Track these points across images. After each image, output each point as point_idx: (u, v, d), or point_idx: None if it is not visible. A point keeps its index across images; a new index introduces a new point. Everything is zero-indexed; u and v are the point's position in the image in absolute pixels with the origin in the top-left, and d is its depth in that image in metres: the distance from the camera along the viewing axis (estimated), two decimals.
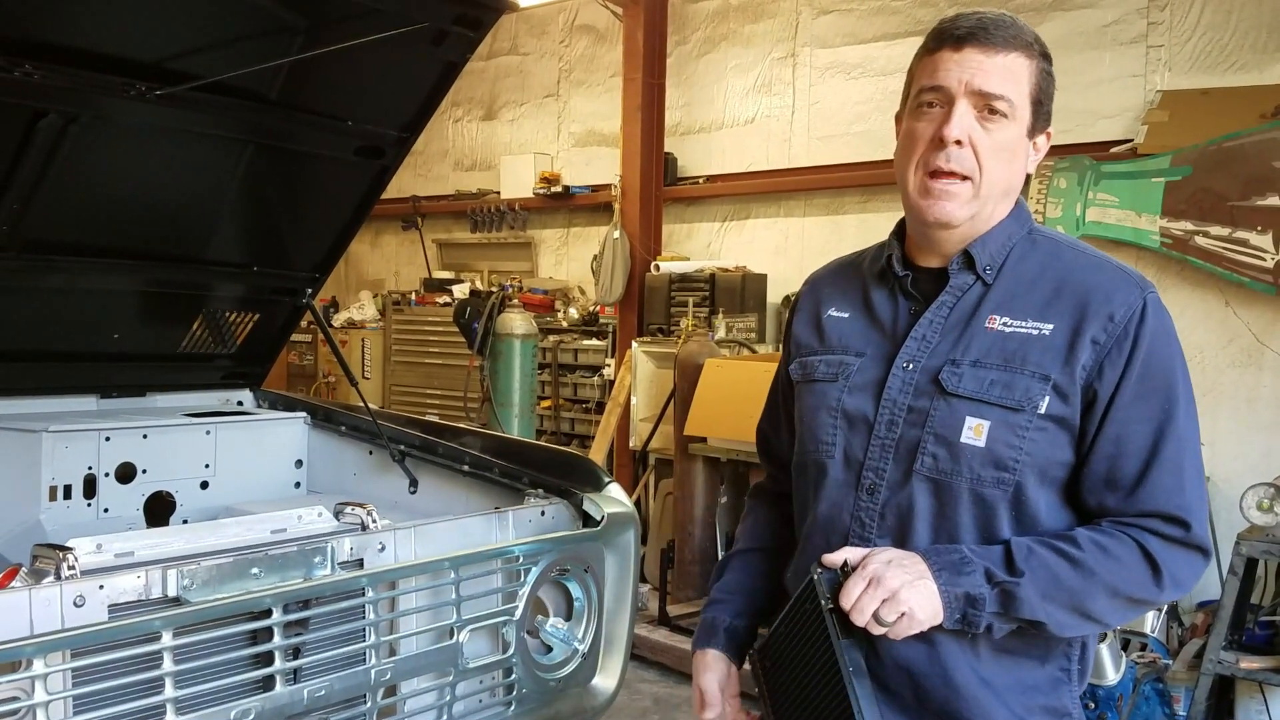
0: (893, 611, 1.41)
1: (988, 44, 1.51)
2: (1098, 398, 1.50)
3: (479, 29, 2.68)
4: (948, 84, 1.52)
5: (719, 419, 5.38)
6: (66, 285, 2.77)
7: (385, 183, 3.01)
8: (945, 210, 1.54)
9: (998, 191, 1.56)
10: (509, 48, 9.11)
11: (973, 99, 1.51)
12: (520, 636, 2.31)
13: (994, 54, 1.51)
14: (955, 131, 1.50)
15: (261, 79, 2.54)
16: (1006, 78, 1.51)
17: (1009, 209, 1.62)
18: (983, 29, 1.51)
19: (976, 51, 1.51)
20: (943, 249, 1.61)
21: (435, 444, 2.90)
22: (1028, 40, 1.54)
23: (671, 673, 5.09)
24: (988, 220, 1.59)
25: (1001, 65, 1.51)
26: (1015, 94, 1.52)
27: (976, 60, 1.51)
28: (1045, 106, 1.58)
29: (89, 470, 2.78)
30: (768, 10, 7.46)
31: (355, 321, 9.27)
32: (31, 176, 2.41)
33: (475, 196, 9.14)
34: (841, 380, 1.65)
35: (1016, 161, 1.57)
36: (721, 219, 7.77)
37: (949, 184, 1.53)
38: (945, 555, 1.47)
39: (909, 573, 1.44)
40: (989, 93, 1.51)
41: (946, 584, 1.44)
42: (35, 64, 2.20)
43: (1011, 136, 1.54)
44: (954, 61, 1.52)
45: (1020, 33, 1.53)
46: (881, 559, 1.46)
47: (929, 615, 1.43)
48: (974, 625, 1.45)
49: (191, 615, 1.77)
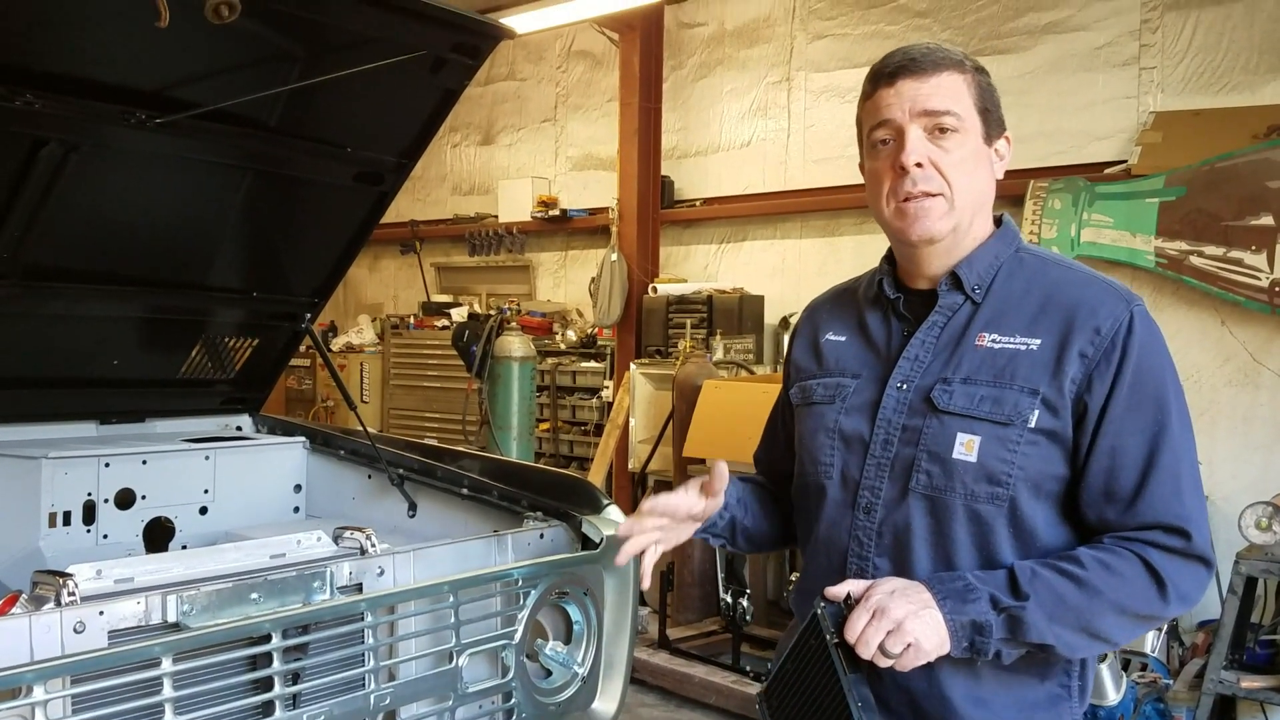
0: (899, 643, 1.40)
1: (919, 71, 1.56)
2: (1088, 411, 1.51)
3: (477, 56, 2.70)
4: (893, 116, 1.57)
5: (718, 440, 5.38)
6: (66, 312, 2.77)
7: (384, 208, 3.02)
8: (925, 227, 1.57)
9: (972, 201, 1.59)
10: (506, 73, 9.17)
11: (921, 121, 1.56)
12: (519, 660, 2.30)
13: (928, 78, 1.56)
14: (913, 156, 1.55)
15: (261, 106, 2.56)
16: (946, 94, 1.56)
17: (988, 223, 1.66)
18: (910, 59, 1.57)
19: (911, 80, 1.57)
20: (931, 270, 1.64)
21: (434, 467, 2.91)
22: (957, 58, 1.59)
23: (672, 696, 5.08)
24: (970, 234, 1.62)
25: (937, 85, 1.56)
26: (959, 107, 1.56)
27: (913, 87, 1.56)
28: (994, 113, 1.62)
29: (88, 496, 2.78)
30: (762, 35, 7.51)
31: (354, 345, 9.29)
32: (32, 204, 2.42)
33: (473, 220, 9.18)
34: (838, 402, 1.67)
35: (982, 170, 1.60)
36: (718, 241, 7.80)
37: (922, 202, 1.56)
38: (949, 583, 1.47)
39: (913, 602, 1.43)
40: (934, 110, 1.55)
41: (952, 612, 1.43)
42: (36, 93, 2.22)
43: (969, 148, 1.58)
44: (893, 95, 1.58)
45: (947, 54, 1.59)
46: (885, 590, 1.45)
47: (935, 645, 1.42)
48: (982, 653, 1.44)
49: (191, 641, 1.77)
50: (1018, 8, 6.26)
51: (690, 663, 5.17)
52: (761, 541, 1.89)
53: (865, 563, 1.59)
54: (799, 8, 7.32)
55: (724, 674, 5.01)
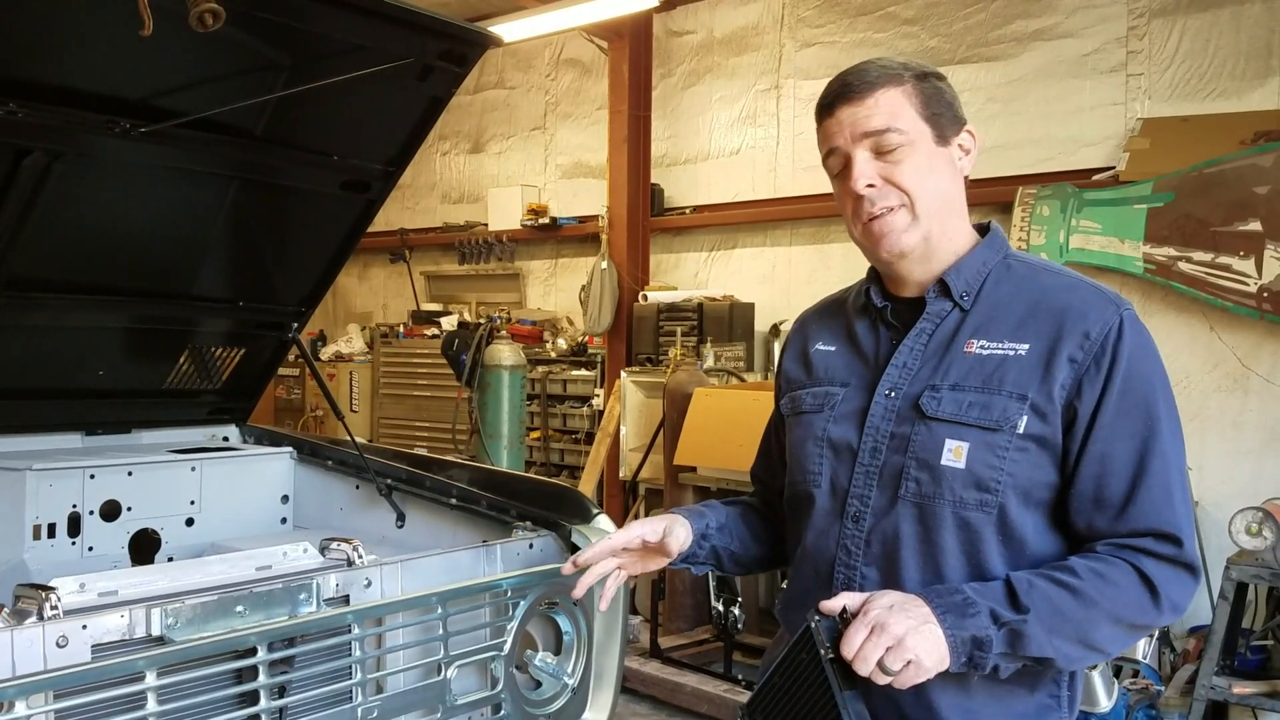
0: (899, 659, 1.37)
1: (853, 96, 1.59)
2: (1078, 416, 1.50)
3: (464, 64, 2.69)
4: (838, 144, 1.61)
5: (709, 448, 5.38)
6: (51, 322, 2.75)
7: (371, 216, 3.01)
8: (892, 242, 1.59)
9: (937, 205, 1.60)
10: (495, 81, 9.17)
11: (865, 144, 1.58)
12: (509, 671, 2.29)
13: (862, 100, 1.58)
14: (861, 180, 1.58)
15: (247, 115, 2.54)
16: (884, 112, 1.57)
17: (966, 228, 1.66)
18: (845, 85, 1.60)
19: (848, 106, 1.59)
20: (914, 280, 1.64)
21: (422, 477, 2.89)
22: (893, 72, 1.59)
23: (663, 705, 5.06)
24: (946, 238, 1.62)
25: (874, 105, 1.57)
26: (901, 122, 1.57)
27: (851, 113, 1.59)
28: (944, 115, 1.61)
29: (73, 508, 2.75)
30: (751, 43, 7.53)
31: (343, 354, 9.26)
32: (15, 214, 2.40)
33: (463, 229, 9.17)
34: (827, 410, 1.67)
35: (942, 174, 1.60)
36: (708, 249, 7.80)
37: (885, 220, 1.58)
38: (947, 597, 1.44)
39: (912, 617, 1.39)
40: (873, 131, 1.57)
41: (952, 628, 1.41)
42: (19, 102, 2.20)
43: (921, 156, 1.58)
44: (835, 124, 1.61)
45: (882, 70, 1.59)
46: (883, 604, 1.42)
47: (935, 661, 1.39)
48: (981, 667, 1.42)
49: (175, 654, 1.75)
50: (1006, 15, 6.28)
51: (682, 672, 5.15)
52: (751, 564, 1.92)
53: (853, 572, 1.58)
54: (787, 16, 7.33)
55: (716, 683, 5.00)
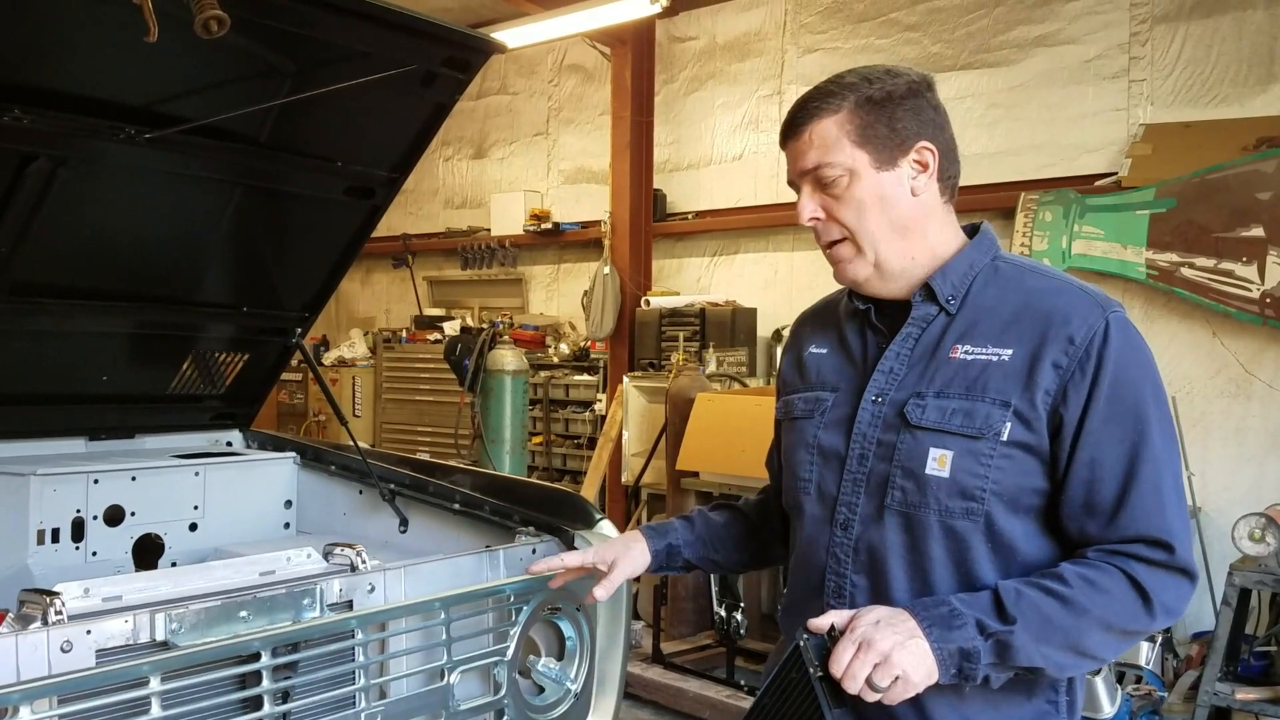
0: (886, 676, 1.37)
1: (793, 132, 1.62)
2: (1065, 422, 1.49)
3: (468, 70, 2.69)
4: (790, 178, 1.65)
5: (711, 453, 5.38)
6: (55, 328, 2.76)
7: (375, 222, 3.01)
8: (846, 272, 1.63)
9: (883, 234, 1.59)
10: (498, 87, 9.19)
11: (807, 181, 1.61)
12: (512, 677, 2.29)
13: (800, 136, 1.61)
14: (803, 216, 1.62)
15: (251, 121, 2.55)
16: (818, 149, 1.58)
17: (946, 238, 1.63)
18: (790, 122, 1.63)
19: (791, 142, 1.63)
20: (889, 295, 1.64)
21: (425, 482, 2.89)
22: (833, 100, 1.58)
23: (666, 711, 5.05)
24: (907, 257, 1.60)
25: (808, 142, 1.59)
26: (834, 156, 1.57)
27: (793, 149, 1.63)
28: (883, 135, 1.57)
29: (77, 513, 2.75)
30: (754, 49, 7.54)
31: (346, 360, 9.27)
32: (20, 220, 2.41)
33: (466, 234, 9.18)
34: (817, 416, 1.67)
35: (886, 200, 1.58)
36: (711, 254, 7.80)
37: (833, 250, 1.63)
38: (933, 609, 1.44)
39: (899, 633, 1.40)
40: (808, 169, 1.60)
41: (938, 641, 1.40)
42: (24, 108, 2.20)
43: (862, 188, 1.58)
44: (786, 159, 1.66)
45: (823, 99, 1.59)
46: (869, 620, 1.42)
47: (923, 676, 1.39)
48: (970, 679, 1.42)
49: (179, 659, 1.75)
50: (1008, 21, 6.29)
51: (684, 677, 5.15)
52: (736, 567, 1.98)
53: (843, 580, 1.58)
54: (790, 21, 7.34)
55: (718, 688, 4.99)
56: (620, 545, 1.87)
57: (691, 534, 1.89)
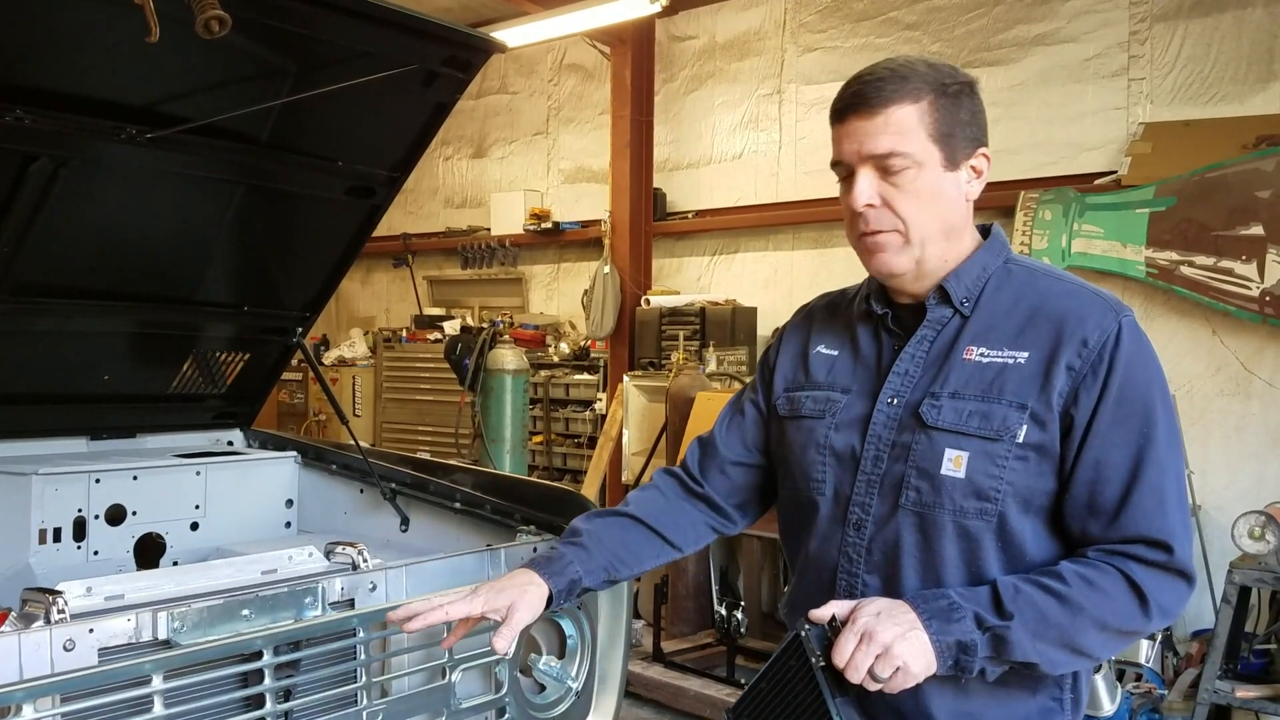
0: (888, 667, 1.39)
1: (865, 109, 1.53)
2: (1075, 423, 1.50)
3: (468, 70, 2.70)
4: (845, 158, 1.57)
5: None
6: (57, 328, 2.76)
7: (376, 222, 3.02)
8: (884, 262, 1.58)
9: (933, 232, 1.57)
10: (498, 86, 9.19)
11: (870, 163, 1.54)
12: (513, 675, 2.29)
13: (874, 116, 1.53)
14: (860, 201, 1.54)
15: (252, 121, 2.55)
16: (893, 134, 1.52)
17: (971, 242, 1.63)
18: (860, 96, 1.54)
19: (858, 119, 1.54)
20: (911, 292, 1.63)
21: (426, 481, 2.89)
22: (912, 87, 1.53)
23: (666, 710, 5.06)
24: (943, 257, 1.60)
25: (884, 124, 1.52)
26: (908, 145, 1.52)
27: (861, 128, 1.54)
28: (957, 135, 1.56)
29: (79, 513, 2.76)
30: (753, 48, 7.54)
31: (346, 359, 9.27)
32: (22, 220, 2.41)
33: (466, 233, 9.18)
34: (829, 417, 1.67)
35: (944, 199, 1.56)
36: (711, 253, 7.81)
37: (877, 239, 1.56)
38: (933, 602, 1.45)
39: (899, 624, 1.41)
40: (878, 154, 1.53)
41: (937, 633, 1.42)
42: (26, 109, 2.21)
43: (925, 182, 1.54)
44: (844, 134, 1.56)
45: (901, 83, 1.53)
46: (870, 611, 1.43)
47: (923, 667, 1.41)
48: (967, 671, 1.43)
49: (182, 658, 1.76)
50: (1007, 20, 6.29)
51: (685, 676, 5.15)
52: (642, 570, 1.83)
53: (855, 579, 1.58)
54: (789, 20, 7.35)
55: (719, 687, 5.00)
56: (514, 590, 1.66)
57: (591, 562, 1.74)
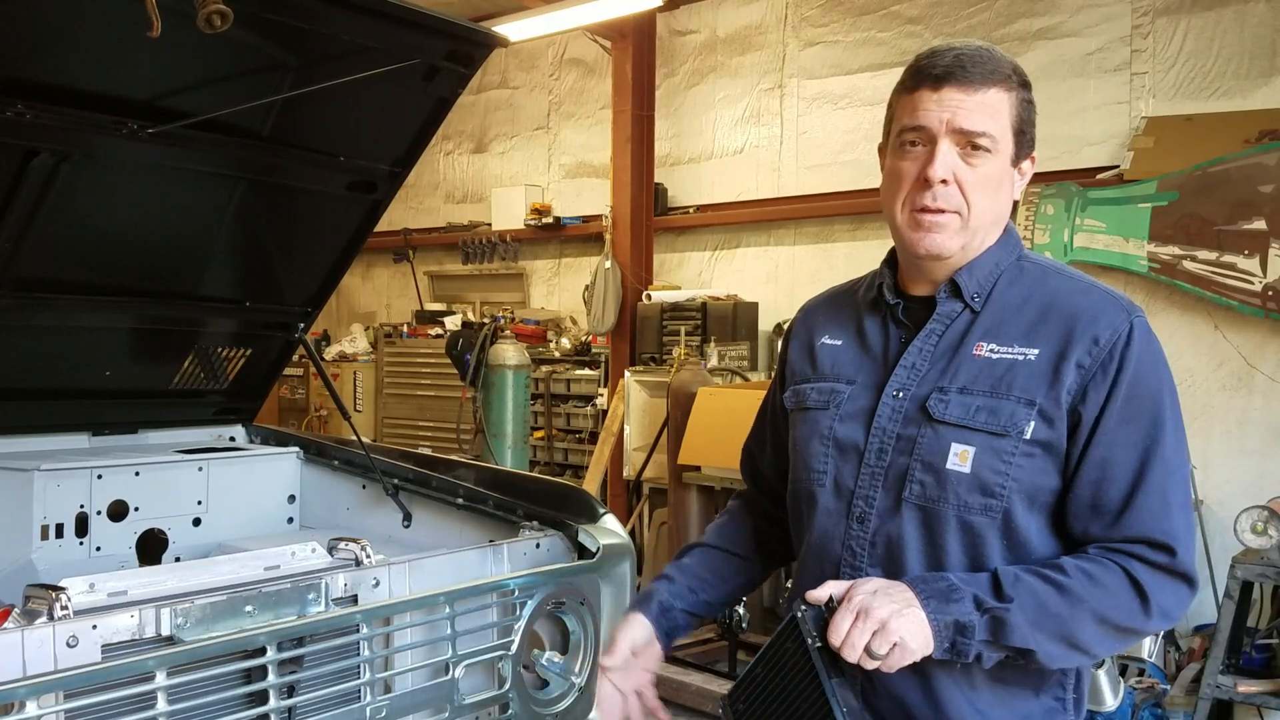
0: (884, 643, 1.38)
1: (966, 82, 1.50)
2: (1082, 421, 1.49)
3: (470, 65, 2.69)
4: (929, 124, 1.52)
5: (713, 447, 5.38)
6: (58, 323, 2.76)
7: (377, 217, 3.01)
8: (936, 242, 1.55)
9: (987, 221, 1.57)
10: (499, 81, 9.18)
11: (954, 137, 1.51)
12: (516, 671, 2.29)
13: (973, 91, 1.50)
14: (940, 172, 1.51)
15: (254, 116, 2.55)
16: (987, 114, 1.51)
17: (998, 236, 1.63)
18: (960, 67, 1.51)
19: (955, 90, 1.51)
20: (934, 277, 1.62)
21: (428, 477, 2.89)
22: (1006, 73, 1.53)
23: (668, 704, 5.03)
24: (978, 249, 1.60)
25: (980, 102, 1.51)
26: (997, 129, 1.52)
27: (956, 99, 1.51)
28: (1028, 134, 1.58)
29: (81, 509, 2.76)
30: (755, 43, 7.53)
31: (347, 354, 9.27)
32: (23, 215, 2.41)
33: (467, 228, 9.17)
34: (833, 408, 1.66)
35: (1003, 192, 1.58)
36: (712, 248, 7.80)
37: (937, 218, 1.54)
38: (932, 583, 1.45)
39: (896, 601, 1.41)
40: (971, 130, 1.51)
41: (935, 612, 1.41)
42: (27, 103, 2.20)
43: (996, 169, 1.54)
44: (934, 101, 1.52)
45: (999, 66, 1.53)
46: (867, 589, 1.43)
47: (920, 644, 1.40)
48: (963, 654, 1.43)
49: (185, 654, 1.76)
50: (1009, 14, 6.28)
51: (686, 671, 5.15)
52: (730, 599, 1.90)
53: (858, 573, 1.58)
54: (791, 15, 7.33)
55: (720, 682, 4.99)
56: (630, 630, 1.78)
57: (674, 586, 1.82)
